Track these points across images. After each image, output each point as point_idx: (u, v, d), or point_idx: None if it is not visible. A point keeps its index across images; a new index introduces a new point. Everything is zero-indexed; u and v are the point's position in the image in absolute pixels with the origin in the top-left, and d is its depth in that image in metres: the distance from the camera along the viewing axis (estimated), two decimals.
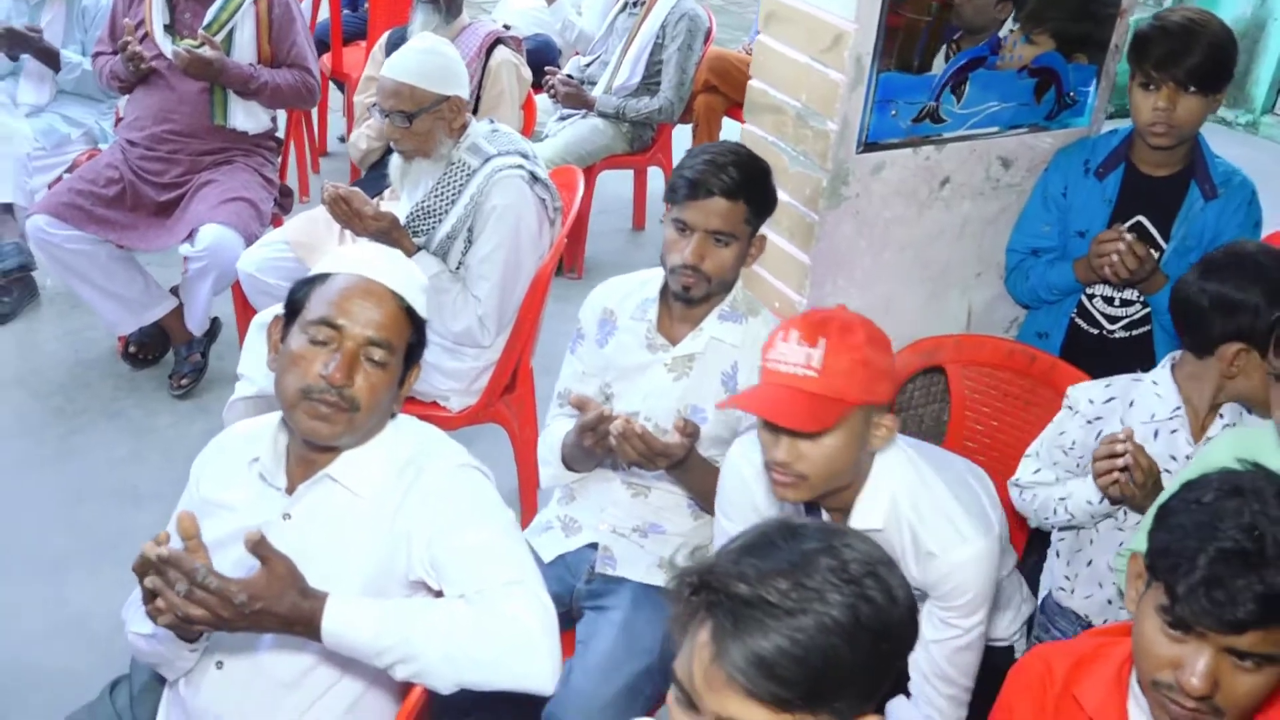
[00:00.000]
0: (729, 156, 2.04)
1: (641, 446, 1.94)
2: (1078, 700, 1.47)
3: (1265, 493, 1.29)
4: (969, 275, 2.60)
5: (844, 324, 1.69)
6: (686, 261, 2.04)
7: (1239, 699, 1.29)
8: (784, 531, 1.14)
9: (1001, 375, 2.44)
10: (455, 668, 1.49)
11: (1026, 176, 2.55)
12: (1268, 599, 1.22)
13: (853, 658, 1.05)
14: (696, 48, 4.41)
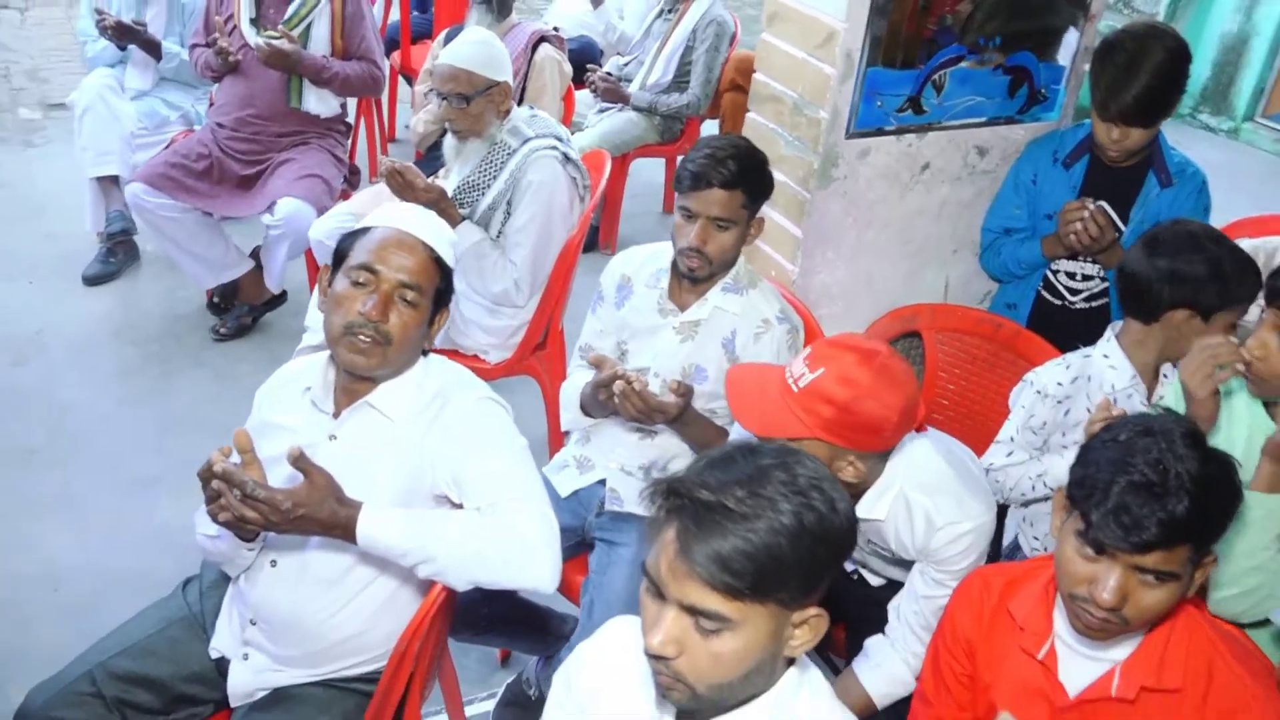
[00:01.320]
0: (728, 150, 2.04)
1: (640, 404, 1.99)
2: (1010, 613, 1.51)
3: (1173, 433, 1.33)
4: (946, 252, 2.61)
5: (853, 368, 1.65)
6: (691, 245, 2.07)
7: (1143, 611, 1.33)
8: (744, 449, 1.19)
9: (970, 340, 2.46)
10: (468, 568, 1.57)
11: (1000, 164, 2.55)
12: (1169, 524, 1.26)
13: (796, 557, 1.10)
14: (723, 50, 4.42)
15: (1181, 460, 1.29)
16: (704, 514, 1.11)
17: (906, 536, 1.84)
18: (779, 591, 1.11)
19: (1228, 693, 1.37)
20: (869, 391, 1.65)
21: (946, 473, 1.83)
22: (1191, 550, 1.30)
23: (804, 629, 1.17)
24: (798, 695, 1.21)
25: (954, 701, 1.57)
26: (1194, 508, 1.27)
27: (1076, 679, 1.44)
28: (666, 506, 1.14)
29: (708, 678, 1.13)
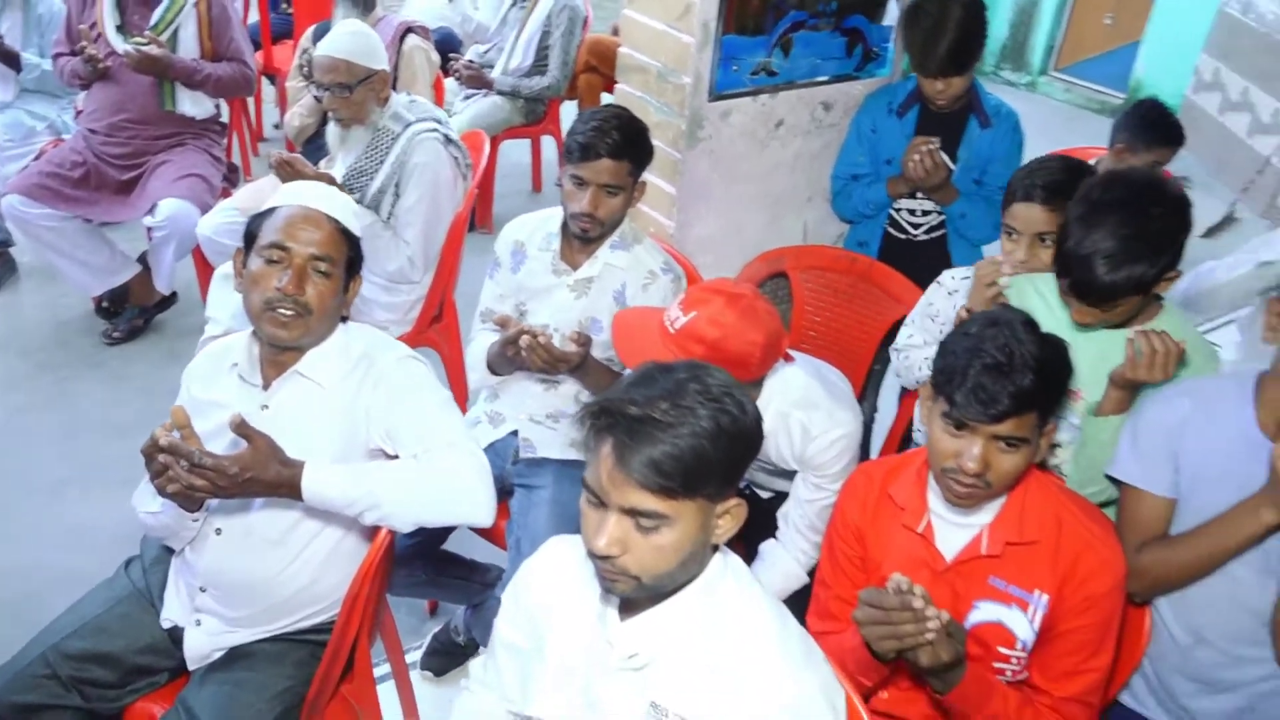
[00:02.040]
0: (613, 121, 2.09)
1: (545, 355, 2.04)
2: (891, 497, 1.63)
3: (1015, 323, 1.47)
4: (802, 199, 2.73)
5: (720, 312, 1.75)
6: (583, 210, 2.12)
7: (1002, 475, 1.47)
8: (660, 368, 1.27)
9: (831, 276, 2.58)
10: (411, 510, 1.61)
11: (843, 117, 2.68)
12: (1018, 395, 1.40)
13: (717, 456, 1.19)
14: (577, 34, 4.46)
15: (1023, 343, 1.43)
16: (635, 427, 1.18)
17: (786, 449, 1.96)
18: (706, 487, 1.20)
19: (1075, 537, 1.52)
20: (735, 330, 1.76)
21: (816, 389, 1.95)
22: (1037, 418, 1.44)
23: (727, 518, 1.26)
24: (723, 577, 1.30)
25: (849, 581, 1.69)
26: (1036, 380, 1.40)
27: (951, 545, 1.57)
28: (599, 425, 1.21)
29: (651, 569, 1.21)
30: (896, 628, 1.38)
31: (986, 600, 1.56)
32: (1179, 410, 1.58)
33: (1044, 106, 6.80)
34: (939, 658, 1.41)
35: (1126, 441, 1.63)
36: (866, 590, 1.43)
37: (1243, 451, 1.52)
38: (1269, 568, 1.51)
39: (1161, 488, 1.59)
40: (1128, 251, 1.61)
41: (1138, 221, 1.62)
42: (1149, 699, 1.70)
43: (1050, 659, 1.56)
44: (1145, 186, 1.67)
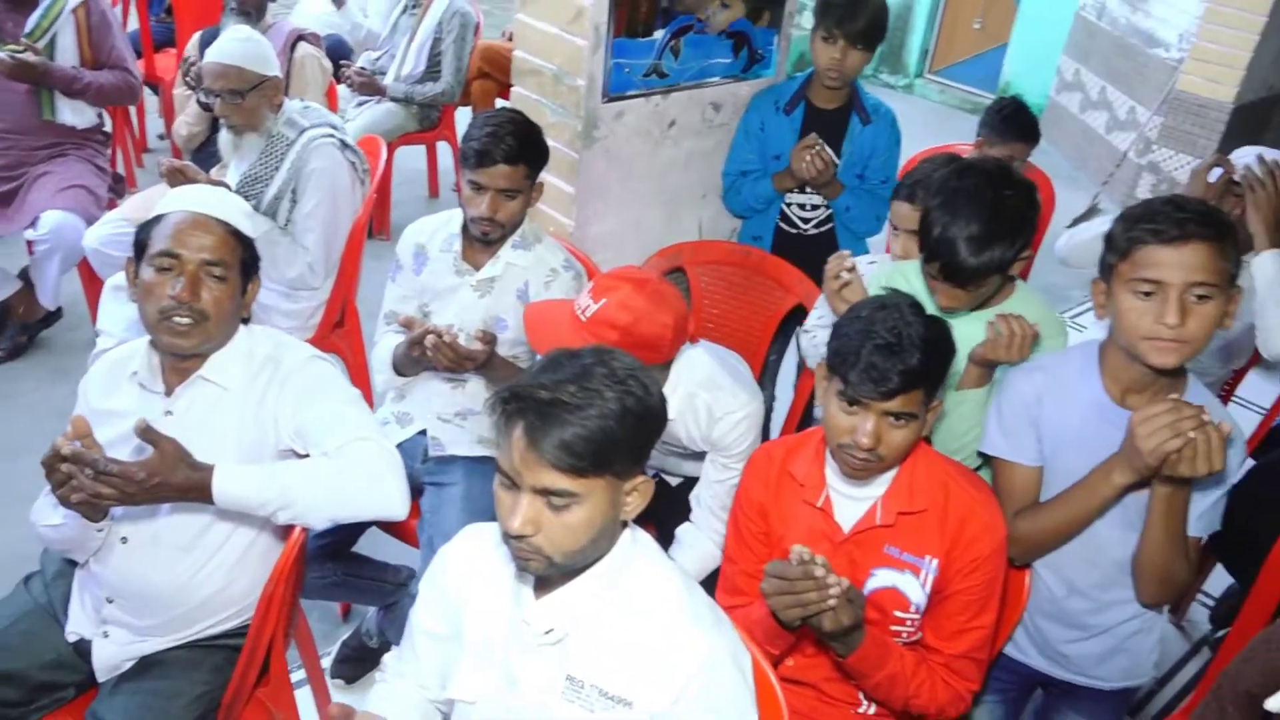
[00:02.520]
0: (508, 127, 2.10)
1: (451, 354, 2.06)
2: (791, 474, 1.70)
3: (903, 306, 1.55)
4: (696, 197, 2.80)
5: (629, 296, 1.80)
6: (483, 215, 2.14)
7: (893, 448, 1.55)
8: (566, 354, 1.31)
9: (726, 269, 2.66)
10: (324, 506, 1.61)
11: (732, 117, 2.76)
12: (907, 373, 1.48)
13: (624, 435, 1.24)
14: (469, 40, 4.46)
15: (911, 325, 1.51)
16: (545, 410, 1.22)
17: (694, 430, 2.02)
18: (614, 465, 1.25)
19: (960, 505, 1.62)
20: (645, 314, 1.81)
21: (719, 372, 2.02)
22: (924, 394, 1.53)
23: (635, 495, 1.31)
24: (632, 553, 1.35)
25: (754, 557, 1.75)
26: (923, 359, 1.49)
27: (848, 517, 1.65)
28: (510, 410, 1.24)
29: (563, 546, 1.25)
30: (800, 596, 1.45)
31: (882, 568, 1.64)
32: (1035, 384, 1.70)
33: (921, 107, 7.08)
34: (840, 622, 1.48)
35: (993, 419, 1.75)
36: (771, 563, 1.50)
37: (1095, 417, 1.64)
38: (1128, 522, 1.64)
39: (1028, 458, 1.71)
40: (988, 234, 1.72)
41: (993, 206, 1.73)
42: (1030, 648, 1.82)
43: (941, 619, 1.65)
44: (996, 173, 1.79)
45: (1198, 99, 4.90)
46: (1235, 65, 4.75)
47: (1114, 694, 1.83)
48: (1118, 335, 1.58)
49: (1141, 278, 1.50)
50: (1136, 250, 1.50)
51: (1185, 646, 2.83)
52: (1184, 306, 1.48)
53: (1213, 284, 1.48)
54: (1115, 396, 1.64)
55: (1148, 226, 1.50)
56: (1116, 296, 1.55)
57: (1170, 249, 1.48)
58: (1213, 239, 1.48)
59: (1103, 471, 1.57)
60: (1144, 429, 1.47)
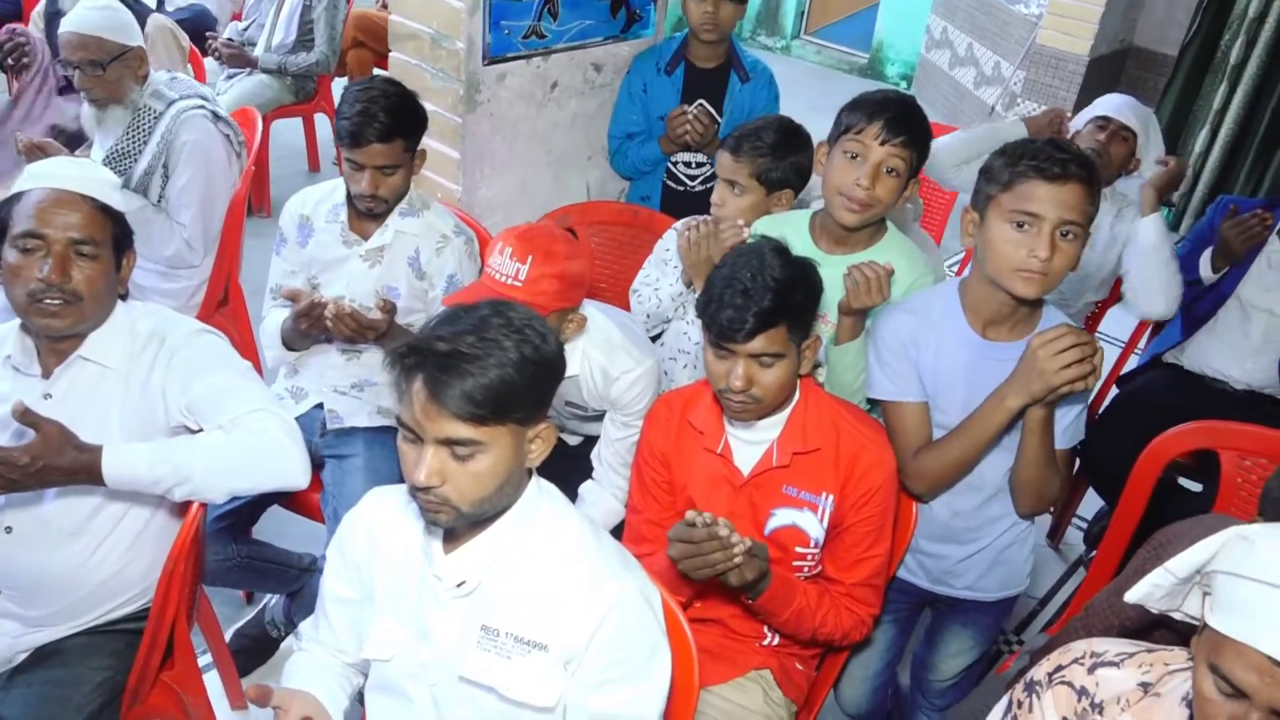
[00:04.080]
0: (380, 102, 2.05)
1: (353, 324, 2.04)
2: (691, 423, 1.75)
3: (764, 250, 1.61)
4: (582, 158, 2.81)
5: (548, 245, 1.82)
6: (365, 192, 2.12)
7: (768, 388, 1.60)
8: (463, 309, 1.33)
9: (615, 230, 2.69)
10: (222, 478, 1.58)
11: (614, 78, 2.78)
12: (759, 315, 1.54)
13: (524, 382, 1.26)
14: (341, 6, 4.34)
15: (769, 267, 1.57)
16: (444, 361, 1.23)
17: (592, 389, 2.05)
18: (515, 412, 1.27)
19: (852, 441, 1.69)
20: (568, 254, 1.85)
21: (614, 331, 2.05)
22: (788, 332, 1.58)
23: (538, 441, 1.34)
24: (538, 502, 1.38)
25: (658, 505, 1.80)
26: (775, 299, 1.54)
27: (747, 461, 1.71)
28: (409, 364, 1.25)
29: (470, 495, 1.27)
30: (706, 557, 1.50)
31: (782, 507, 1.71)
32: (905, 325, 1.79)
33: (798, 68, 7.21)
34: (745, 577, 1.55)
35: (874, 364, 1.83)
36: (674, 528, 1.54)
37: (965, 352, 1.74)
38: (1005, 446, 1.75)
39: (913, 395, 1.79)
40: (912, 124, 1.87)
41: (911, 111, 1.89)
42: (917, 569, 1.93)
43: (839, 551, 1.73)
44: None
45: (1056, 53, 5.13)
46: (1089, 19, 4.99)
47: (994, 604, 1.96)
48: (986, 264, 1.66)
49: (1021, 209, 1.58)
50: (1019, 183, 1.58)
51: (1064, 568, 3.02)
52: (1053, 241, 1.57)
53: (1080, 224, 1.58)
54: (978, 330, 1.73)
55: (1032, 162, 1.57)
56: (990, 226, 1.62)
57: (1051, 185, 1.56)
58: (1087, 182, 1.57)
59: (997, 397, 1.64)
60: (1046, 351, 1.55)
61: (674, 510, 1.79)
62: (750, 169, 2.18)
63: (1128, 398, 2.82)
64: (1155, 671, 1.28)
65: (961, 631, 2.01)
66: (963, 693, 2.05)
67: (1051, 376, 1.55)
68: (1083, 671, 1.32)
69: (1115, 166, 2.61)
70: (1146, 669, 1.29)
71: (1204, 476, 2.57)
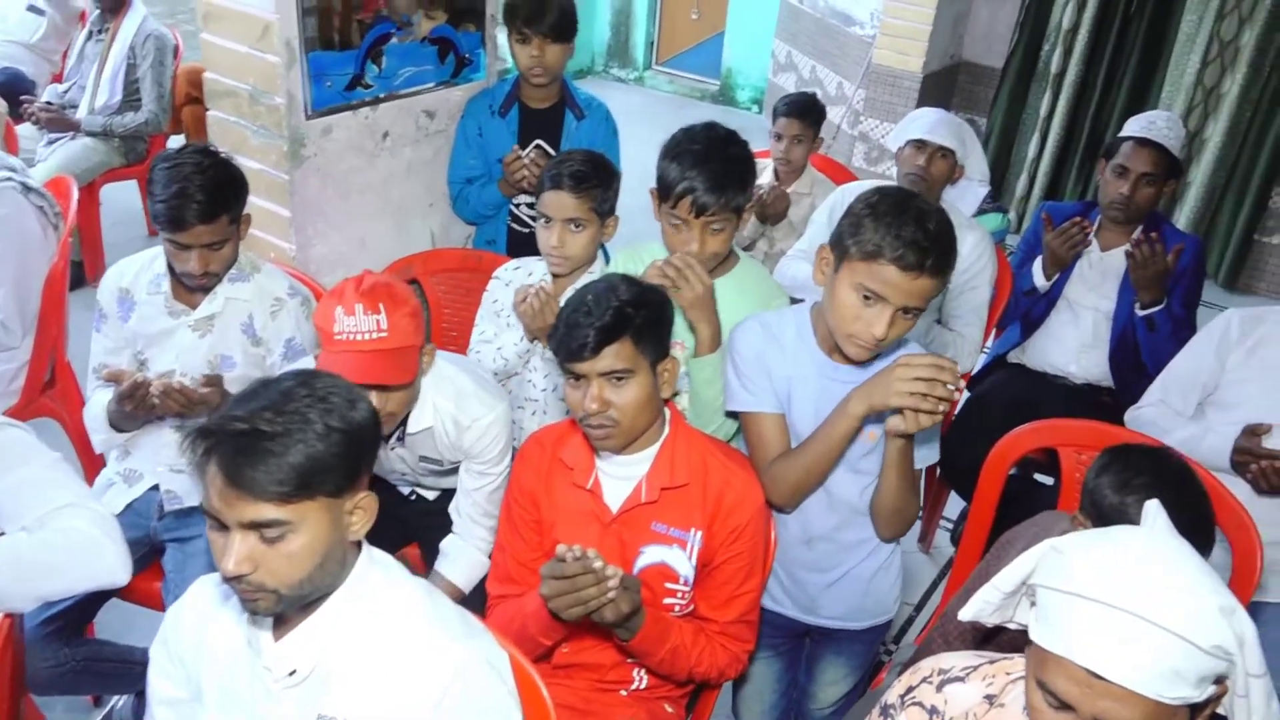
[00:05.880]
0: (196, 180, 1.94)
1: (182, 399, 1.95)
2: (562, 459, 1.72)
3: (614, 280, 1.62)
4: (424, 206, 2.76)
5: (389, 289, 1.79)
6: (193, 272, 2.03)
7: (624, 407, 1.59)
8: (262, 382, 1.27)
9: (461, 276, 2.64)
10: (28, 585, 1.48)
11: (448, 123, 2.74)
12: (601, 329, 1.54)
13: (332, 453, 1.20)
14: (168, 63, 4.18)
15: (615, 290, 1.58)
16: (241, 441, 1.17)
17: (447, 439, 2.00)
18: (326, 486, 1.21)
19: (718, 477, 1.69)
20: (404, 290, 1.83)
21: (463, 379, 2.01)
22: (636, 348, 1.57)
23: (358, 513, 1.28)
24: (370, 574, 1.32)
25: (526, 544, 1.76)
26: (617, 314, 1.54)
27: (616, 497, 1.69)
28: (204, 448, 1.19)
29: (287, 578, 1.21)
30: (580, 593, 1.47)
31: (651, 544, 1.70)
32: (759, 338, 1.81)
33: (653, 98, 7.31)
34: (621, 611, 1.52)
35: (731, 376, 1.84)
36: (546, 565, 1.51)
37: (814, 373, 1.76)
38: (853, 467, 1.77)
39: (770, 405, 1.80)
40: (725, 179, 1.87)
41: (723, 158, 1.88)
42: (785, 599, 1.94)
43: (711, 589, 1.73)
44: (720, 134, 1.95)
45: (892, 71, 5.34)
46: (919, 38, 5.21)
47: (866, 632, 1.97)
48: (826, 312, 1.69)
49: (868, 287, 1.58)
50: (876, 262, 1.56)
51: (935, 572, 3.10)
52: (893, 320, 1.59)
53: (922, 308, 1.61)
54: (827, 353, 1.76)
55: (893, 249, 1.53)
56: (839, 280, 1.63)
57: (904, 275, 1.55)
58: (940, 274, 1.57)
59: (843, 404, 1.66)
60: (904, 370, 1.56)
61: (542, 550, 1.76)
62: (590, 203, 2.19)
63: (978, 400, 2.92)
64: (999, 682, 1.30)
65: (835, 660, 2.03)
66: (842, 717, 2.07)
67: (893, 395, 1.57)
68: (932, 690, 1.33)
69: (940, 184, 2.71)
70: (990, 680, 1.31)
71: (1055, 471, 2.68)
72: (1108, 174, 2.70)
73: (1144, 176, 2.63)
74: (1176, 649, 1.03)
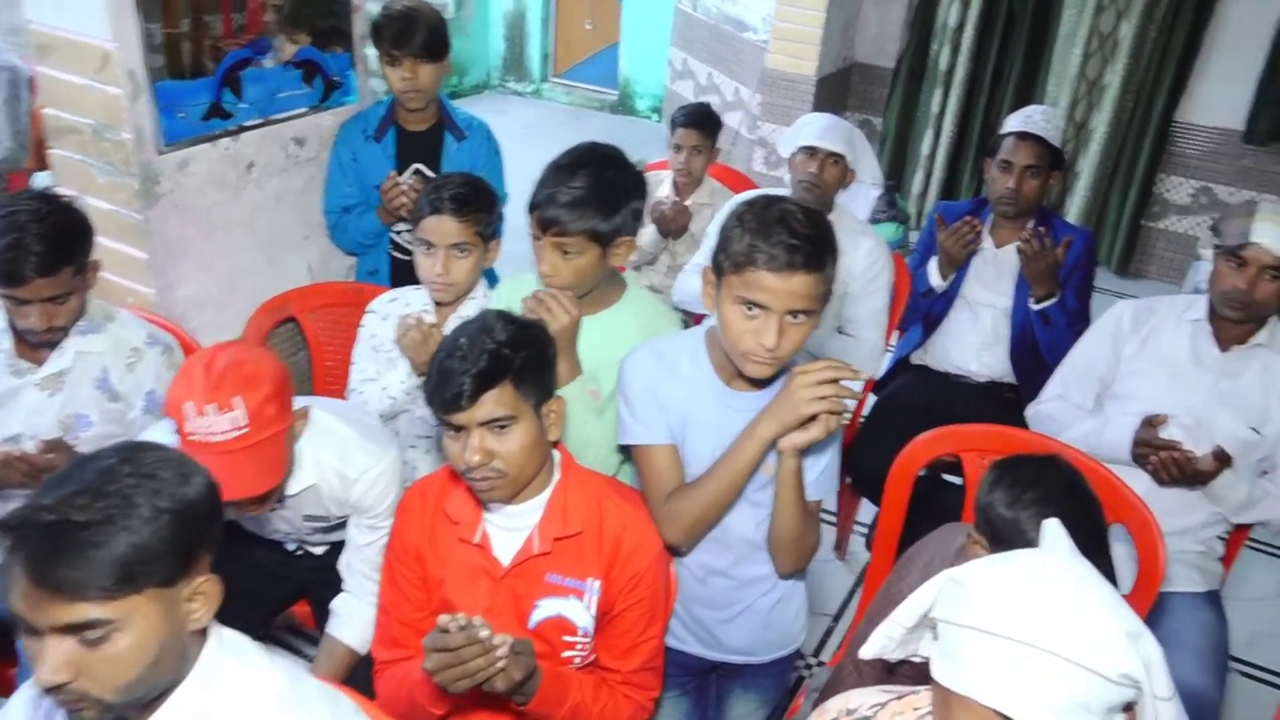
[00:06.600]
0: (31, 230, 1.80)
1: (24, 468, 1.83)
2: (446, 513, 1.61)
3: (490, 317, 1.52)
4: (298, 238, 2.62)
5: (238, 372, 1.62)
6: (36, 329, 1.89)
7: (508, 456, 1.48)
8: (80, 460, 1.13)
9: (341, 311, 2.51)
10: None
11: (320, 150, 2.61)
12: (478, 376, 1.43)
13: (160, 538, 1.07)
14: (24, 98, 3.91)
15: (491, 331, 1.47)
16: (50, 534, 1.03)
17: (333, 494, 1.88)
18: (154, 576, 1.08)
19: (615, 522, 1.60)
20: (257, 362, 1.67)
21: (345, 430, 1.89)
22: (517, 392, 1.47)
23: (198, 600, 1.15)
24: (221, 660, 1.19)
25: (411, 604, 1.65)
26: (494, 359, 1.44)
27: (506, 550, 1.58)
28: (7, 545, 1.04)
29: (113, 683, 1.07)
30: (467, 665, 1.37)
31: (546, 597, 1.60)
32: (648, 366, 1.72)
33: (551, 110, 7.23)
34: (513, 679, 1.42)
35: (623, 408, 1.74)
36: (428, 638, 1.40)
37: (712, 402, 1.68)
38: (750, 500, 1.70)
39: (663, 437, 1.71)
40: (583, 199, 1.76)
41: (598, 178, 1.78)
42: (688, 636, 1.85)
43: (613, 639, 1.64)
44: (604, 153, 1.85)
45: (786, 75, 5.33)
46: (810, 41, 5.21)
47: (772, 665, 1.90)
48: (720, 336, 1.62)
49: (748, 297, 1.51)
50: (748, 271, 1.50)
51: (852, 580, 3.06)
52: (782, 328, 1.52)
53: (811, 308, 1.54)
54: (724, 380, 1.68)
55: (762, 251, 1.49)
56: (723, 300, 1.56)
57: (778, 277, 1.49)
58: (818, 268, 1.51)
59: (749, 430, 1.59)
60: (803, 380, 1.51)
61: (429, 609, 1.65)
62: (475, 226, 2.11)
63: (884, 404, 2.89)
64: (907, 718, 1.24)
65: (744, 695, 1.95)
66: None
67: (802, 405, 1.52)
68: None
69: (833, 189, 2.67)
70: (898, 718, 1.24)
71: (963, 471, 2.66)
72: (993, 170, 2.70)
73: (1028, 169, 2.63)
74: (1083, 681, 0.98)
